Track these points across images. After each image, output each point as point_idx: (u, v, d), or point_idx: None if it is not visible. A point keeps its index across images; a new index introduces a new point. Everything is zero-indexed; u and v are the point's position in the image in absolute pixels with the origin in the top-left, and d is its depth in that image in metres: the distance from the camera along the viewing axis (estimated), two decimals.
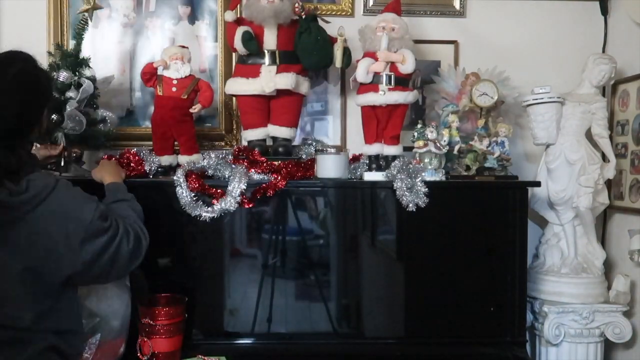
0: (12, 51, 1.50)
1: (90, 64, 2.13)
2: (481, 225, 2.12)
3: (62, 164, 2.08)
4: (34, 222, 1.39)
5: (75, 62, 2.10)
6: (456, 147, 2.20)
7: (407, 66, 2.07)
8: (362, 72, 2.08)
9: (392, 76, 2.07)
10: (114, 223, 1.53)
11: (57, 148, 2.03)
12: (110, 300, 1.84)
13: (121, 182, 1.88)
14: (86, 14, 2.33)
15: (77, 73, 2.09)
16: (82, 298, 1.79)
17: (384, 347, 2.10)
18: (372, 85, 2.08)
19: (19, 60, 1.47)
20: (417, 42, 2.52)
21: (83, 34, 2.17)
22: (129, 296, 1.89)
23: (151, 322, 1.88)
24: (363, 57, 2.12)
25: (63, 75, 2.04)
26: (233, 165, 2.04)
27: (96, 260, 1.48)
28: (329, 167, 2.05)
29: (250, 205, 2.00)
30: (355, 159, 2.25)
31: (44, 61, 2.25)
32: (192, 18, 2.48)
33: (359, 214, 2.14)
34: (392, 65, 2.08)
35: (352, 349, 2.08)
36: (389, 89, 2.06)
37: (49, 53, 2.21)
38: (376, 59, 2.08)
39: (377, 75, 2.08)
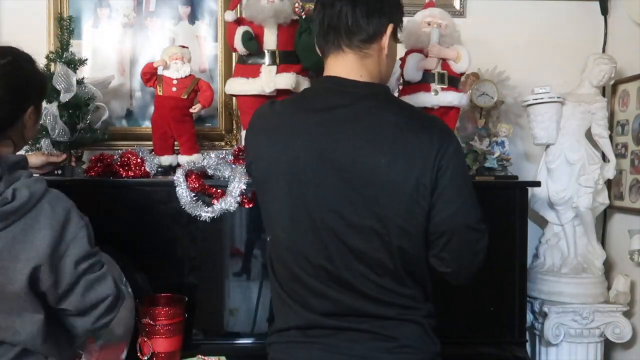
0: (9, 46, 1.45)
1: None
2: None
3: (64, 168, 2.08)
4: (18, 233, 1.26)
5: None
6: None
7: (462, 64, 1.90)
8: (412, 68, 1.86)
9: (446, 74, 1.90)
10: (100, 257, 1.39)
11: (60, 156, 2.02)
12: None
13: None
14: None
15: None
16: None
17: None
18: (422, 85, 1.88)
19: (11, 55, 1.42)
20: None
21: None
22: (134, 305, 1.89)
23: (151, 322, 1.88)
24: (406, 54, 1.93)
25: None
26: (233, 165, 2.04)
27: (75, 284, 1.32)
28: None
29: (250, 205, 2.00)
30: None
31: (42, 62, 2.29)
32: (192, 18, 2.48)
33: None
34: (444, 63, 1.91)
35: None
36: (442, 89, 1.88)
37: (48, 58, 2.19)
38: (426, 55, 1.89)
39: (427, 73, 1.88)
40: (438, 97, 1.88)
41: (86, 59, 2.14)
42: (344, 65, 1.41)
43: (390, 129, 1.30)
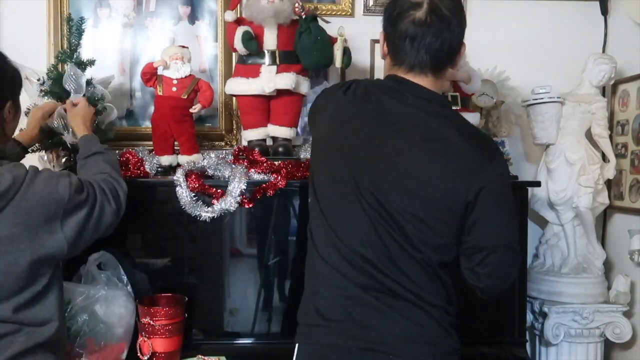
0: None
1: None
2: None
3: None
4: (10, 216, 1.37)
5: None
6: None
7: (473, 85, 1.92)
8: None
9: (458, 96, 1.93)
10: (90, 191, 1.52)
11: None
12: (118, 308, 1.85)
13: (93, 134, 1.86)
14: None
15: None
16: (91, 304, 1.80)
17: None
18: None
19: None
20: None
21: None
22: (134, 305, 1.90)
23: (151, 322, 1.88)
24: None
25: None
26: (233, 165, 2.04)
27: (81, 233, 1.47)
28: None
29: (250, 206, 2.00)
30: None
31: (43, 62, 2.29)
32: (192, 18, 2.47)
33: None
34: (455, 84, 1.93)
35: None
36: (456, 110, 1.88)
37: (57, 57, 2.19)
38: None
39: None
40: None
41: (94, 60, 2.12)
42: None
43: (447, 135, 1.38)
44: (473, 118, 1.97)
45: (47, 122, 1.97)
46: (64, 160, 2.09)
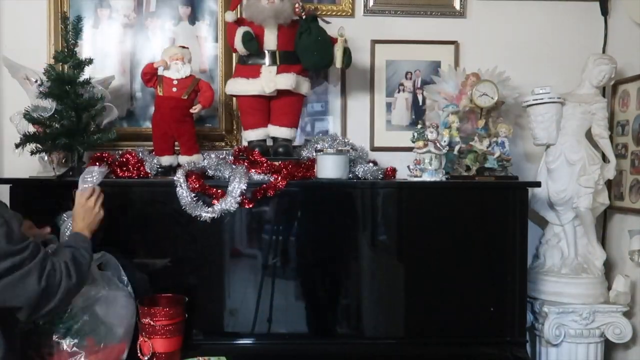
0: None
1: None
2: (481, 225, 2.12)
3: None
4: None
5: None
6: (456, 148, 2.20)
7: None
8: None
9: None
10: (28, 253, 1.42)
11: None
12: (118, 308, 1.85)
13: (83, 233, 1.75)
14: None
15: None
16: (92, 304, 1.80)
17: (384, 347, 2.10)
18: None
19: None
20: (417, 42, 2.54)
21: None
22: (135, 306, 1.90)
23: (151, 322, 1.88)
24: None
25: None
26: (233, 166, 2.04)
27: None
28: (329, 167, 2.05)
29: (251, 206, 2.00)
30: None
31: (43, 62, 2.29)
32: (193, 18, 2.47)
33: (359, 214, 2.14)
34: None
35: (352, 349, 2.08)
36: None
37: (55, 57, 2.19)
38: None
39: None
40: None
41: (92, 60, 2.10)
42: None
43: None
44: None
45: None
46: (64, 161, 2.09)
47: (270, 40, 2.11)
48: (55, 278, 1.47)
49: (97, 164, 1.99)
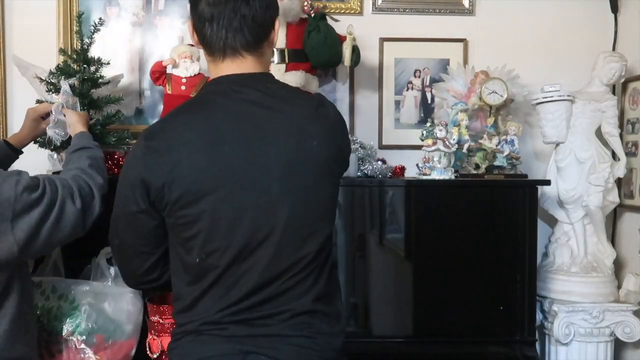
0: None
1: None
2: (490, 224, 2.11)
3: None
4: None
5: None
6: (465, 146, 2.19)
7: None
8: None
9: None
10: (48, 189, 1.42)
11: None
12: (126, 304, 1.85)
13: (87, 132, 1.80)
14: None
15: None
16: (99, 301, 1.81)
17: (392, 346, 2.10)
18: None
19: None
20: (426, 40, 2.54)
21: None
22: (142, 302, 1.90)
23: (160, 320, 1.88)
24: None
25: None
26: None
27: (35, 235, 1.38)
28: None
29: None
30: None
31: (53, 61, 2.30)
32: None
33: (366, 213, 2.14)
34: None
35: (360, 348, 2.07)
36: None
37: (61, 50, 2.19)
38: None
39: None
40: None
41: (101, 59, 2.09)
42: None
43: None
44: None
45: (44, 125, 1.90)
46: None
47: (279, 38, 2.10)
48: (84, 190, 1.51)
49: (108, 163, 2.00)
